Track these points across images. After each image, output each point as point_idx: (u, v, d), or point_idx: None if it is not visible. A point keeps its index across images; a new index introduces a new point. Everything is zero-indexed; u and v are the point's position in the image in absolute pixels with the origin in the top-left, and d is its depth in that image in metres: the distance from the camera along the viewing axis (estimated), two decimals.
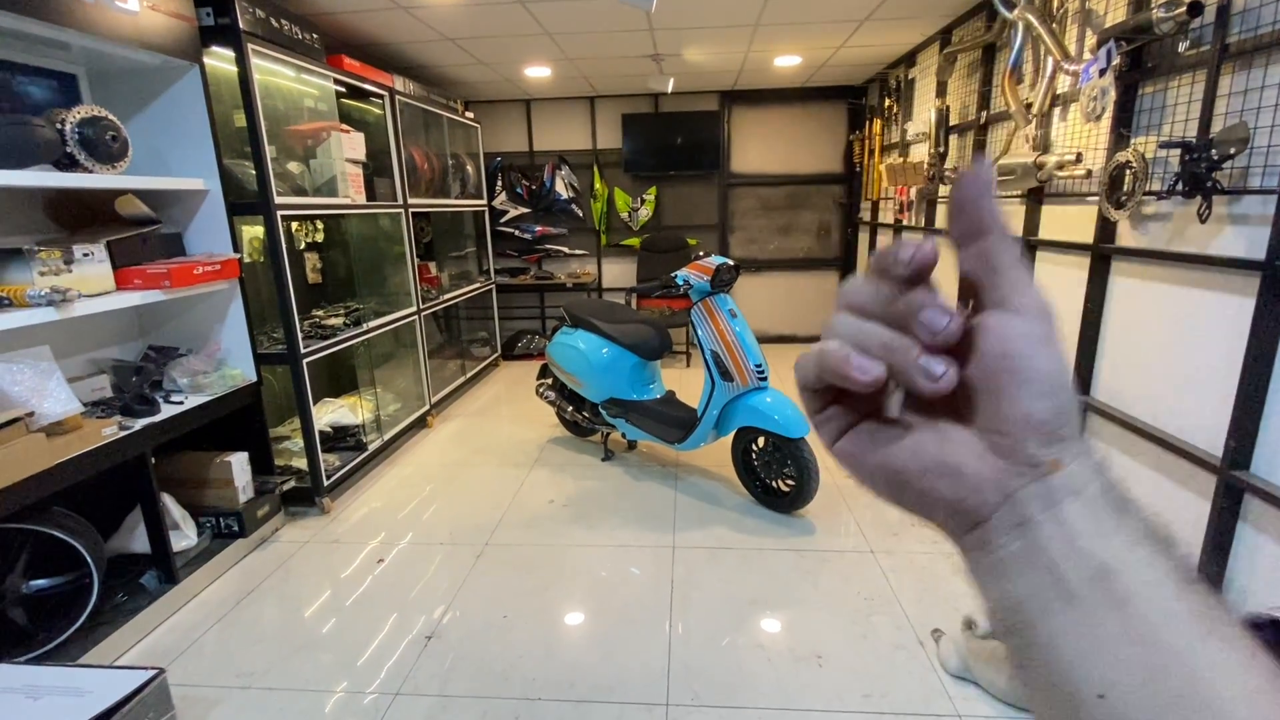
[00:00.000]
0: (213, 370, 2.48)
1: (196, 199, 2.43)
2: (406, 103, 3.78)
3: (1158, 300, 2.12)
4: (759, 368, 2.70)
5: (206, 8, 2.37)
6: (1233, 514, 1.82)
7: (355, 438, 3.33)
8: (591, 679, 1.88)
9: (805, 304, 6.00)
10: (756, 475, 2.90)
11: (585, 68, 4.53)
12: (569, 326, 3.41)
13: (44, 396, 1.81)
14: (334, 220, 3.61)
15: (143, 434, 2.11)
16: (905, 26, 3.70)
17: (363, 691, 1.85)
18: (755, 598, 2.23)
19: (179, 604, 2.25)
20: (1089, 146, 2.38)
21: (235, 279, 2.50)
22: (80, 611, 1.94)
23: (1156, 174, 2.04)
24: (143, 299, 2.10)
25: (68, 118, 1.91)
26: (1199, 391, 1.94)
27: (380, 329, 3.43)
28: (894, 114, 4.64)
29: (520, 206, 5.71)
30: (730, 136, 5.66)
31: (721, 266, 2.79)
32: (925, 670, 1.87)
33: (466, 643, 2.04)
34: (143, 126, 2.33)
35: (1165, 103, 2.03)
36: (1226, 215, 1.82)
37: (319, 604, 2.28)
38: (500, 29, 3.54)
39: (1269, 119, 1.66)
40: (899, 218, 4.48)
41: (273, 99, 2.78)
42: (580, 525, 2.77)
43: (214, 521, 2.54)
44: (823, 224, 5.84)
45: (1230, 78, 1.78)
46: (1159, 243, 2.09)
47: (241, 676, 1.92)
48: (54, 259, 1.88)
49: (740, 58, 4.35)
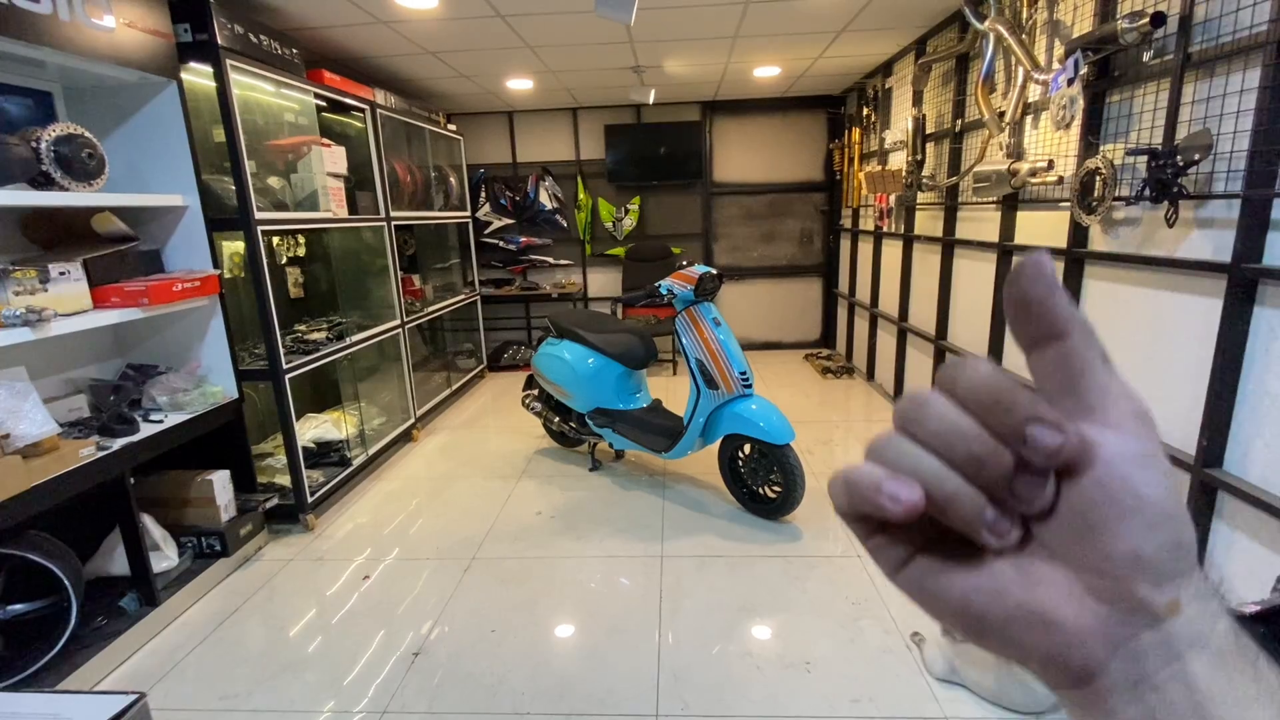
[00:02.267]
0: (193, 388, 2.45)
1: (175, 215, 2.41)
2: (388, 116, 3.78)
3: (1130, 303, 2.16)
4: (744, 375, 2.72)
5: (184, 24, 2.36)
6: (1207, 511, 1.86)
7: (339, 453, 3.30)
8: (581, 691, 1.87)
9: (789, 311, 6.06)
10: (744, 482, 2.91)
11: (567, 80, 4.56)
12: (554, 337, 3.41)
13: (19, 418, 1.78)
14: (316, 234, 3.59)
15: (121, 454, 2.08)
16: (881, 37, 3.77)
17: (349, 711, 1.83)
18: (744, 605, 2.24)
19: (160, 626, 2.21)
20: (1060, 153, 2.44)
21: (215, 295, 2.48)
22: (58, 636, 1.90)
23: (1125, 180, 2.09)
24: (120, 317, 2.08)
25: (43, 136, 1.89)
26: (1171, 391, 1.98)
27: (364, 343, 3.41)
28: (872, 123, 4.71)
29: (504, 218, 5.72)
30: (712, 146, 5.71)
31: (705, 275, 2.81)
32: (913, 674, 1.89)
33: (454, 658, 2.02)
34: (120, 143, 2.31)
35: (1132, 110, 2.09)
36: (1193, 219, 1.87)
37: (304, 623, 2.25)
38: (481, 43, 3.56)
39: (1231, 125, 1.71)
40: (879, 225, 4.54)
41: (252, 114, 2.77)
42: (568, 536, 2.76)
43: (195, 541, 2.50)
44: (805, 231, 5.90)
45: (1193, 86, 1.84)
46: (1129, 247, 2.14)
47: (225, 699, 1.89)
48: (29, 278, 1.85)
49: (720, 69, 4.40)
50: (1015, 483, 0.22)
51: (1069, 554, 0.22)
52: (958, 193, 3.34)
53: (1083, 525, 0.21)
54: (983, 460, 0.22)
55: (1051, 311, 0.22)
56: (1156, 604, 0.21)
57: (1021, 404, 0.21)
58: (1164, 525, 0.21)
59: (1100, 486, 0.21)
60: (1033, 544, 0.23)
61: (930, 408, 0.23)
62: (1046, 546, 0.22)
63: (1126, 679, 0.21)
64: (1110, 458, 0.21)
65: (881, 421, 4.05)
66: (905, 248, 4.09)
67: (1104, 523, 0.21)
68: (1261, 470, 1.70)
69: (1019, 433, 0.21)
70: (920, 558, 0.24)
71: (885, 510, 0.22)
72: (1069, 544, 0.22)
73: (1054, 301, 0.22)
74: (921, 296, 3.92)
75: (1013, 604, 0.22)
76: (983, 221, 3.12)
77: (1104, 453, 0.21)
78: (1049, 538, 0.22)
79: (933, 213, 3.68)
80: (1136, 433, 0.22)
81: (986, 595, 0.23)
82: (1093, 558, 0.21)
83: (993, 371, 0.22)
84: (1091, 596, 0.21)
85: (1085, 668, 0.22)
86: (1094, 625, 0.21)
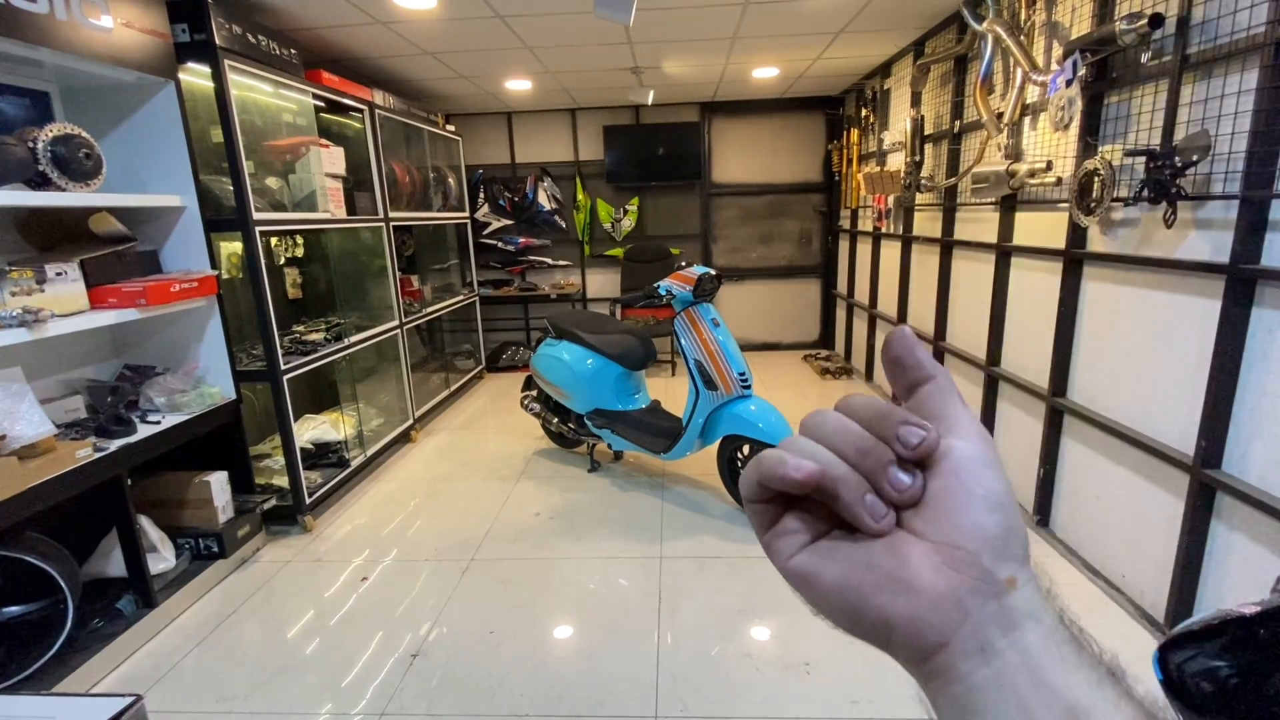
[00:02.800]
0: (190, 389, 2.45)
1: (173, 216, 2.40)
2: (387, 116, 3.77)
3: (1129, 303, 2.17)
4: (742, 376, 2.72)
5: (182, 24, 2.35)
6: (1206, 512, 1.86)
7: (338, 454, 3.29)
8: (580, 692, 1.86)
9: (787, 312, 6.06)
10: None
11: (566, 80, 4.55)
12: (553, 338, 3.41)
13: (15, 419, 1.78)
14: (314, 235, 3.58)
15: (118, 455, 2.07)
16: (880, 39, 3.77)
17: (347, 714, 1.82)
18: (743, 607, 2.24)
19: (157, 628, 2.20)
20: (1058, 155, 2.44)
21: (213, 296, 2.47)
22: (54, 639, 1.89)
23: (1123, 181, 2.09)
24: (117, 318, 2.07)
25: (40, 136, 1.88)
26: (1170, 392, 1.98)
27: (362, 344, 3.41)
28: (871, 124, 4.71)
29: (503, 218, 5.71)
30: (711, 147, 5.71)
31: (703, 276, 2.81)
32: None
33: (453, 660, 2.02)
34: (118, 143, 2.31)
35: (1130, 112, 2.09)
36: (1191, 220, 1.87)
37: (302, 624, 2.24)
38: (480, 43, 3.55)
39: (1229, 126, 1.71)
40: (877, 225, 4.55)
41: (250, 114, 2.76)
42: (567, 537, 2.76)
43: (193, 543, 2.49)
44: (803, 232, 5.90)
45: (1191, 87, 1.84)
46: (1128, 247, 2.14)
47: (222, 701, 1.88)
48: (26, 278, 1.85)
49: (719, 69, 4.40)
50: (890, 473, 0.27)
51: (930, 531, 0.27)
52: (956, 194, 3.35)
53: (941, 507, 0.27)
54: (865, 451, 0.28)
55: (919, 364, 0.30)
56: (999, 575, 0.26)
57: (896, 413, 0.28)
58: (1001, 511, 0.27)
59: (955, 477, 0.27)
60: (901, 530, 0.28)
61: (829, 415, 0.30)
62: (912, 529, 0.27)
63: (975, 643, 0.25)
64: (963, 458, 0.27)
65: None
66: (904, 248, 4.09)
67: (957, 505, 0.27)
68: (1260, 471, 1.70)
69: (893, 432, 0.27)
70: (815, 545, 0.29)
71: (789, 478, 0.27)
72: (930, 524, 0.27)
73: (919, 357, 0.30)
74: (920, 297, 3.92)
75: (882, 574, 0.27)
76: (981, 222, 3.12)
77: (959, 454, 0.27)
78: (916, 522, 0.27)
79: (931, 214, 3.68)
80: (982, 444, 0.28)
81: (861, 568, 0.27)
82: (948, 531, 0.26)
83: (877, 398, 0.29)
84: (947, 566, 0.26)
85: (941, 632, 0.26)
86: (947, 590, 0.26)
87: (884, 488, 0.27)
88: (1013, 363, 2.91)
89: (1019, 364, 2.85)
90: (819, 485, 0.27)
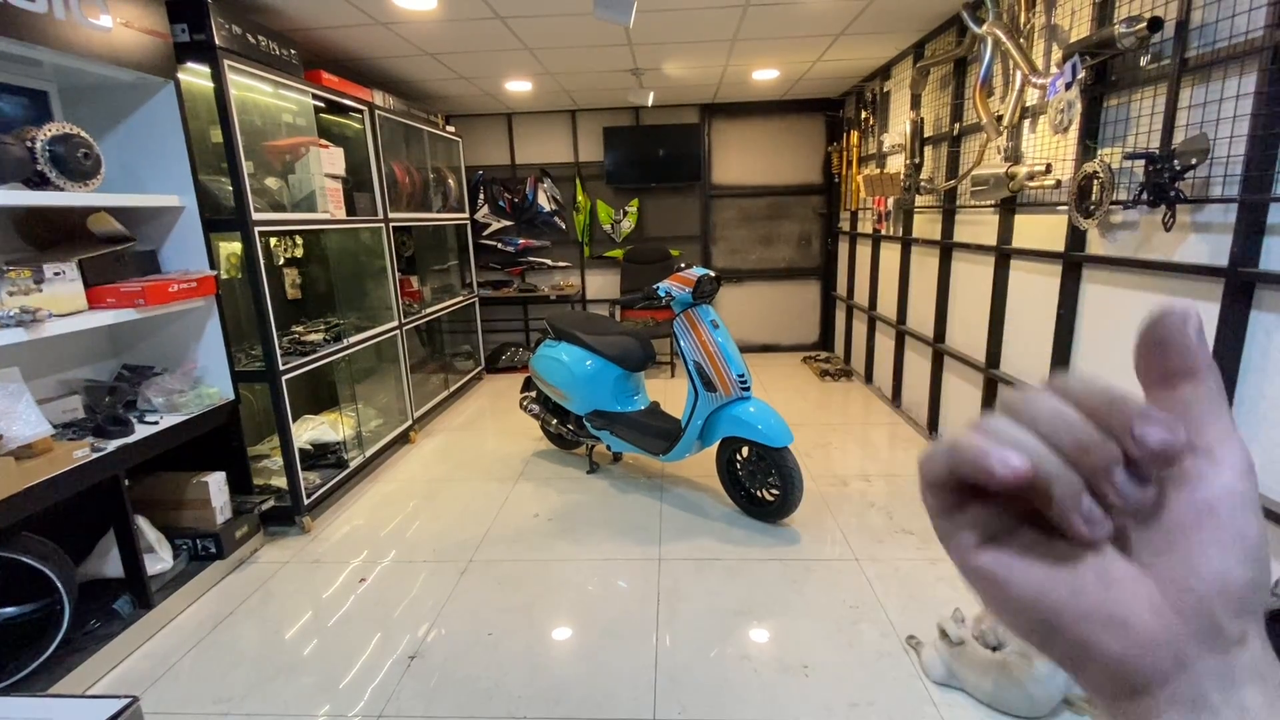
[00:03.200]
0: (189, 389, 2.44)
1: (172, 216, 2.40)
2: (386, 117, 3.77)
3: (1128, 306, 2.17)
4: (741, 378, 2.72)
5: (182, 24, 2.35)
6: None
7: (336, 455, 3.28)
8: (578, 694, 1.86)
9: (787, 313, 6.06)
10: (741, 485, 2.91)
11: (566, 82, 4.56)
12: (552, 339, 3.41)
13: (13, 419, 1.77)
14: (313, 235, 3.58)
15: (116, 456, 2.07)
16: (879, 41, 3.77)
17: (345, 715, 1.82)
18: (742, 608, 2.23)
19: (154, 629, 2.19)
20: (1058, 157, 2.44)
21: (212, 296, 2.47)
22: (51, 639, 1.88)
23: (1122, 184, 2.10)
24: (115, 318, 2.07)
25: (38, 135, 1.88)
26: None
27: (361, 344, 3.40)
28: (870, 126, 4.72)
29: (503, 219, 5.71)
30: (711, 148, 5.72)
31: (703, 278, 2.80)
32: (911, 678, 1.88)
33: (451, 662, 2.02)
34: (116, 143, 2.30)
35: (1129, 115, 2.10)
36: (1190, 223, 1.87)
37: (299, 625, 2.24)
38: (480, 44, 3.55)
39: (1228, 130, 1.71)
40: (877, 227, 4.55)
41: (250, 115, 2.76)
42: (566, 539, 2.75)
43: (190, 543, 2.49)
44: (803, 234, 5.91)
45: (1190, 90, 1.84)
46: (1127, 250, 2.14)
47: (219, 702, 1.88)
48: (24, 278, 1.84)
49: (719, 71, 4.40)
50: (1116, 476, 0.23)
51: (1157, 561, 0.23)
52: (956, 196, 3.35)
53: (1181, 539, 0.23)
54: (1087, 448, 0.22)
55: (1189, 351, 0.24)
56: (1230, 631, 0.22)
57: (1133, 404, 0.23)
58: (1255, 564, 0.22)
59: (1210, 511, 0.23)
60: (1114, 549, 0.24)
61: (1040, 397, 0.24)
62: (1134, 552, 0.23)
63: (1186, 696, 0.22)
64: (1225, 492, 0.23)
65: (880, 424, 4.05)
66: (903, 250, 4.10)
67: (1203, 544, 0.22)
68: (1259, 474, 1.70)
69: (1127, 428, 0.22)
70: (1008, 541, 0.24)
71: (994, 472, 0.22)
72: (1159, 553, 0.23)
73: (1191, 343, 0.24)
74: (920, 299, 3.92)
75: (1089, 603, 0.23)
76: (981, 225, 3.12)
77: (1221, 487, 0.23)
78: (1139, 544, 0.23)
79: (931, 216, 3.69)
80: (1249, 479, 0.23)
81: (1065, 589, 0.23)
82: (1181, 572, 0.22)
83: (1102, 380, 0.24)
84: (1171, 609, 0.22)
85: (1148, 678, 0.22)
86: (1167, 637, 0.22)
87: (1106, 493, 0.23)
88: (1012, 365, 2.91)
89: (1018, 366, 2.85)
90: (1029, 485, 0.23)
